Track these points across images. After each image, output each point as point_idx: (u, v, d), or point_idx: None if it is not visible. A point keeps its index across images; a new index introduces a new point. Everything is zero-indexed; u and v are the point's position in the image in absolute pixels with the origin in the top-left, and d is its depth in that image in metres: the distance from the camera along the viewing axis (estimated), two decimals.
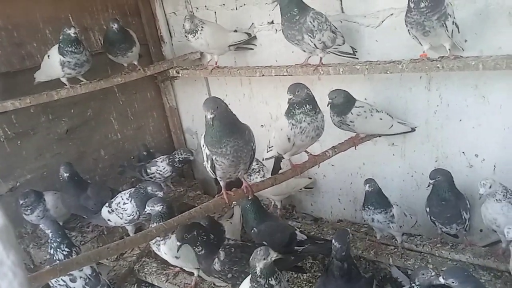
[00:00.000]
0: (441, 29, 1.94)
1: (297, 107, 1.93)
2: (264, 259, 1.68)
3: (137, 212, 2.54)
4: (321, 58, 2.36)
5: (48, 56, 2.61)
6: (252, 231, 2.32)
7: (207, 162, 1.73)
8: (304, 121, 1.93)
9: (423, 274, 1.80)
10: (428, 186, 2.19)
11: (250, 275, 1.78)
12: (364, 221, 2.44)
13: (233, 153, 1.68)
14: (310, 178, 3.00)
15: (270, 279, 1.71)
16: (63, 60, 2.52)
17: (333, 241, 1.80)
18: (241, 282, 1.88)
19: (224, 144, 1.67)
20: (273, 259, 1.68)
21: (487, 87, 2.17)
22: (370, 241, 2.57)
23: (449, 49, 2.02)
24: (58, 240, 2.15)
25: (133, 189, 2.59)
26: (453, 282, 1.56)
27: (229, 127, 1.69)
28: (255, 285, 1.72)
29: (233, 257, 2.10)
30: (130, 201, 2.55)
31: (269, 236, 2.30)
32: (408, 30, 2.04)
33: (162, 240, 2.28)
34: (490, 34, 2.05)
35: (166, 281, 2.44)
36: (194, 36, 2.64)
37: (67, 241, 2.20)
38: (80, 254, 1.68)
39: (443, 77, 2.27)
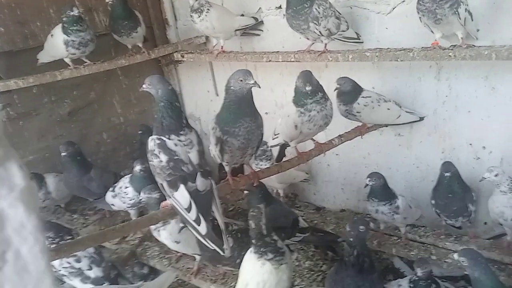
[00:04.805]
0: (453, 17, 1.91)
1: (310, 96, 1.90)
2: (261, 213, 1.76)
3: (138, 196, 2.53)
4: (325, 44, 2.33)
5: (52, 35, 2.57)
6: None
7: (216, 145, 1.71)
8: (314, 109, 1.90)
9: (420, 268, 1.81)
10: (445, 180, 2.15)
11: (253, 247, 1.80)
12: (369, 212, 2.42)
13: (245, 134, 1.67)
14: (307, 174, 2.99)
15: (272, 235, 1.78)
16: (67, 39, 2.48)
17: (347, 224, 1.82)
18: None
19: (239, 125, 1.65)
20: (264, 208, 1.79)
21: (498, 78, 2.14)
22: (373, 231, 2.55)
23: (461, 38, 1.98)
24: (60, 234, 2.06)
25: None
26: (463, 261, 1.59)
27: (248, 108, 1.68)
28: (263, 249, 1.75)
29: (241, 242, 2.10)
30: (130, 185, 2.54)
31: (272, 219, 2.30)
32: (420, 17, 2.01)
33: (162, 226, 2.27)
34: (503, 24, 2.02)
35: (168, 265, 2.44)
36: (199, 17, 2.60)
37: (66, 229, 2.17)
38: (85, 236, 1.67)
39: (453, 67, 2.24)
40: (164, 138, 1.54)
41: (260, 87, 1.64)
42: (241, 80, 1.62)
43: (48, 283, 0.41)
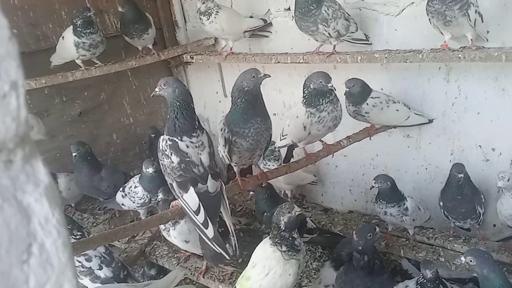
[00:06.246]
0: (463, 19, 1.90)
1: (328, 94, 1.91)
2: (289, 212, 1.73)
3: (148, 196, 2.56)
4: (334, 46, 2.34)
5: (63, 37, 2.61)
6: (264, 215, 2.33)
7: (225, 146, 1.73)
8: (325, 110, 1.91)
9: (428, 269, 1.81)
10: (455, 181, 2.14)
11: (270, 235, 1.81)
12: (377, 214, 2.42)
13: (254, 136, 1.68)
14: (315, 176, 2.99)
15: (292, 232, 1.75)
16: (77, 41, 2.52)
17: (354, 235, 1.80)
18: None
19: (250, 125, 1.67)
20: (296, 213, 1.73)
21: (508, 80, 2.13)
22: (381, 233, 2.55)
23: (471, 39, 1.98)
24: (68, 227, 2.12)
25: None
26: (470, 261, 1.57)
27: (259, 108, 1.70)
28: (278, 241, 1.75)
29: (243, 242, 2.11)
30: (140, 185, 2.57)
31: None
32: (429, 19, 2.01)
33: (172, 226, 2.30)
34: None
35: (177, 265, 2.46)
36: (208, 19, 2.62)
37: (77, 225, 2.21)
38: (97, 234, 1.69)
39: (462, 69, 2.23)
40: (176, 140, 1.55)
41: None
42: (254, 77, 1.66)
43: (70, 275, 0.43)
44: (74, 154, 2.63)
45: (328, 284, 1.99)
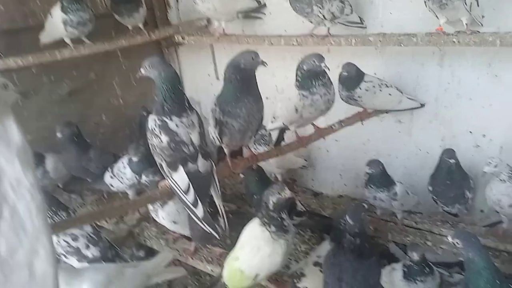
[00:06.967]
0: (459, 2, 1.89)
1: (321, 76, 1.89)
2: (279, 193, 1.71)
3: (136, 177, 2.54)
4: (328, 28, 2.31)
5: (51, 15, 2.54)
6: (254, 197, 2.32)
7: (215, 127, 1.70)
8: (318, 93, 1.89)
9: (415, 252, 1.89)
10: (445, 166, 2.16)
11: (258, 214, 1.80)
12: (367, 199, 2.43)
13: (246, 116, 1.66)
14: (306, 160, 2.98)
15: (281, 213, 1.74)
16: (65, 18, 2.45)
17: (346, 217, 1.78)
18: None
19: (241, 104, 1.65)
20: (286, 196, 1.71)
21: (501, 66, 2.12)
22: (370, 217, 2.56)
23: (466, 24, 1.96)
24: (53, 209, 2.05)
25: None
26: (457, 243, 1.58)
27: (252, 88, 1.69)
28: (267, 221, 1.74)
29: (232, 223, 2.10)
30: (128, 166, 2.55)
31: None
32: (425, 2, 1.99)
33: (160, 207, 2.28)
34: (509, 10, 2.00)
35: (166, 246, 2.46)
36: None
37: (62, 205, 2.17)
38: (83, 213, 1.67)
39: (456, 54, 2.22)
40: (166, 119, 1.54)
41: (267, 65, 1.68)
42: (253, 58, 1.65)
43: (45, 241, 0.41)
44: (58, 134, 2.59)
45: (320, 255, 2.00)
